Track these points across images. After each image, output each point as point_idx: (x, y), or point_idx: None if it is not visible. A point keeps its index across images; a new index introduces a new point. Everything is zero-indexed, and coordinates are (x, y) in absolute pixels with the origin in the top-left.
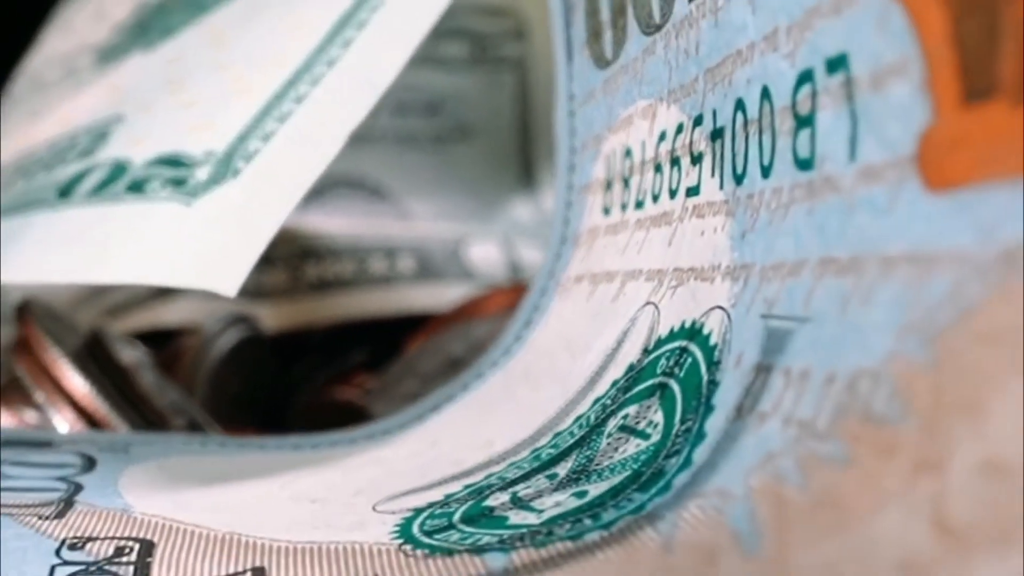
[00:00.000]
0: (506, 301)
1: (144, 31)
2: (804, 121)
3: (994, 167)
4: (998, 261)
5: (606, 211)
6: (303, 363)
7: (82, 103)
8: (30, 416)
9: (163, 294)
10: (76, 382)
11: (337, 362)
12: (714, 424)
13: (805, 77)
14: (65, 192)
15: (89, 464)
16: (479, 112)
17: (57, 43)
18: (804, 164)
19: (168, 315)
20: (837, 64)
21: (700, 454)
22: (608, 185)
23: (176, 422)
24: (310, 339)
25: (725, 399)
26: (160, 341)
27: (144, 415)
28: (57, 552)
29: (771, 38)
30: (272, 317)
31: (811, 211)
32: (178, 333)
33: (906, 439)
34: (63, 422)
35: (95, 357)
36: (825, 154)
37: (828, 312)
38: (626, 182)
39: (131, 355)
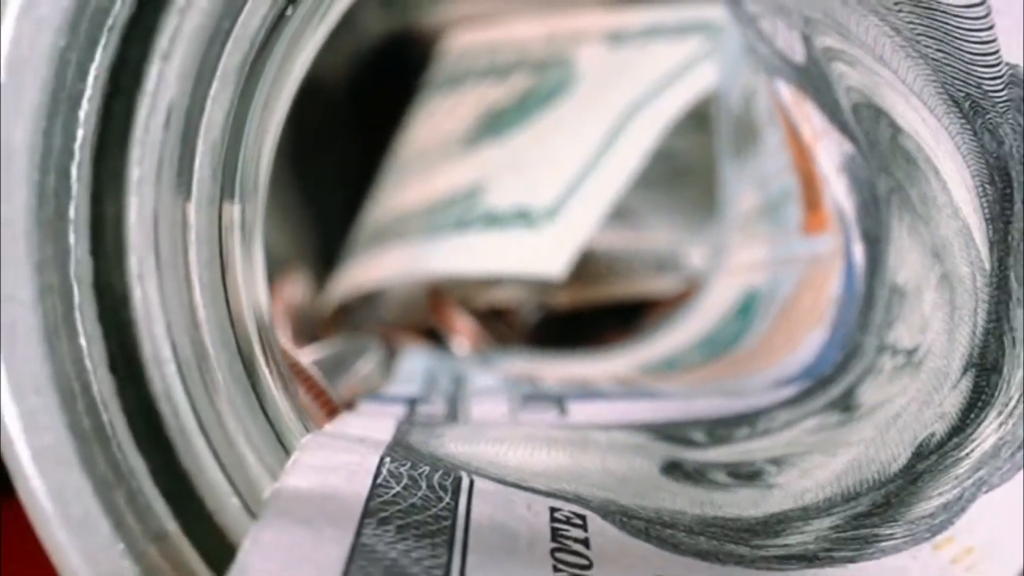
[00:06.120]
0: None
1: (491, 127)
2: (780, 208)
3: (813, 230)
4: (808, 261)
5: (739, 239)
6: (580, 329)
7: (457, 172)
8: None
9: (493, 283)
10: (468, 325)
11: (601, 328)
12: (751, 319)
13: (783, 193)
14: (461, 224)
15: (484, 358)
16: (697, 159)
17: (426, 129)
18: (782, 222)
19: (497, 297)
20: (789, 190)
21: (745, 328)
22: (741, 225)
23: None
24: (585, 313)
25: (758, 310)
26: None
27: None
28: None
29: (772, 175)
30: (561, 299)
31: (780, 243)
32: (500, 311)
33: (789, 303)
34: (462, 346)
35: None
36: (785, 220)
37: (783, 279)
38: (746, 225)
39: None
